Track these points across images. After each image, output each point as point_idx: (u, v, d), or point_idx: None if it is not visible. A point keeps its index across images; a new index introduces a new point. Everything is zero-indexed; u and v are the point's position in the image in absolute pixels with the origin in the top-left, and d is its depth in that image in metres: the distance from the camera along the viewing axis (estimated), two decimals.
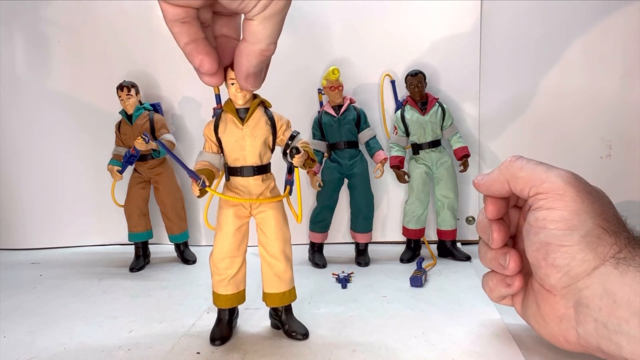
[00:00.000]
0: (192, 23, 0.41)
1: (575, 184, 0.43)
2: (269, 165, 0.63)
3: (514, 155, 0.49)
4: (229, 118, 0.60)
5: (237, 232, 0.62)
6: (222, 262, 0.62)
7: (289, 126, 0.63)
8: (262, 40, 0.42)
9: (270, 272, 0.63)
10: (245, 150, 0.60)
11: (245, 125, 0.60)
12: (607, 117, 1.01)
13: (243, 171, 0.61)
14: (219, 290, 0.63)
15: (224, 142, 0.61)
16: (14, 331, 0.68)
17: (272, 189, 0.63)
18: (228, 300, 0.63)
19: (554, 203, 0.42)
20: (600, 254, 0.40)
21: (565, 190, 0.42)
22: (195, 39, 0.42)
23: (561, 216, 0.41)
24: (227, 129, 0.60)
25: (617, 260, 0.39)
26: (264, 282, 0.64)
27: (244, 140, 0.60)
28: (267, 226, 0.62)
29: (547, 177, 0.43)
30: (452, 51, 1.02)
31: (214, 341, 0.61)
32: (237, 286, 0.63)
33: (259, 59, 0.43)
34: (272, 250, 0.62)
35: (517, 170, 0.46)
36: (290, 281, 0.64)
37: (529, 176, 0.45)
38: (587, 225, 0.41)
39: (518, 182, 0.46)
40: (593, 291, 0.40)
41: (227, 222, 0.62)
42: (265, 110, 0.62)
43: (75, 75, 1.10)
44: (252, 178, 0.61)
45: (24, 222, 1.15)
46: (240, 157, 0.61)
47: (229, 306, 0.63)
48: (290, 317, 0.64)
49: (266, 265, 0.63)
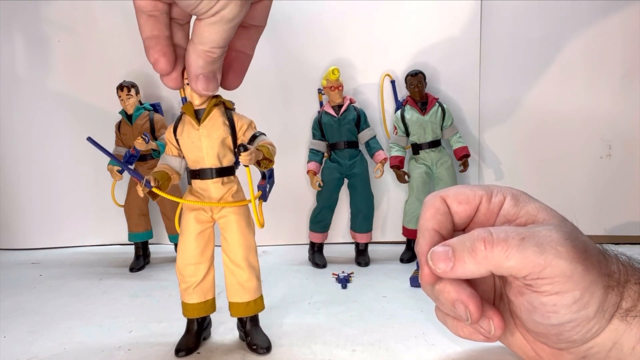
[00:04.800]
0: (159, 18, 0.39)
1: (577, 252, 0.37)
2: (231, 168, 0.61)
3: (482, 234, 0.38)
4: (186, 119, 0.59)
5: (199, 237, 0.60)
6: (186, 269, 0.60)
7: (252, 127, 0.61)
8: (206, 42, 0.40)
9: (233, 281, 0.60)
10: (203, 152, 0.59)
11: (201, 125, 0.58)
12: (607, 117, 1.01)
13: (202, 173, 0.59)
14: (185, 299, 0.60)
15: (182, 143, 0.60)
16: (14, 331, 0.68)
17: (234, 192, 0.60)
18: (195, 309, 0.60)
19: (562, 286, 0.37)
20: (610, 313, 0.39)
21: (573, 270, 0.36)
22: (157, 35, 0.40)
23: (573, 298, 0.37)
24: (185, 130, 0.59)
25: (625, 312, 0.38)
26: (227, 291, 0.61)
27: (200, 141, 0.58)
28: (229, 232, 0.60)
29: (546, 262, 0.36)
30: (452, 51, 1.02)
31: (178, 352, 0.58)
32: (205, 294, 0.61)
33: (205, 60, 0.41)
34: (234, 257, 0.59)
35: (502, 260, 0.37)
36: (256, 291, 0.60)
37: (522, 264, 0.37)
38: (598, 295, 0.37)
39: (506, 271, 0.38)
40: (602, 346, 0.39)
41: (188, 228, 0.60)
42: (225, 111, 0.60)
43: (75, 75, 1.10)
44: (211, 181, 0.59)
45: (24, 222, 1.15)
46: (199, 159, 0.59)
47: (196, 316, 0.60)
48: (254, 329, 0.60)
49: (229, 272, 0.60)
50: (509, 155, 1.06)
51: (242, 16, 0.40)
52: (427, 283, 0.41)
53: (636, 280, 0.38)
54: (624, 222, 1.03)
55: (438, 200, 0.43)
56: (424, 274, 0.40)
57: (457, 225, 0.44)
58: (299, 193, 1.08)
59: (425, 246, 0.41)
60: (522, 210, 0.42)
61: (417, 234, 0.43)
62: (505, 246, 0.37)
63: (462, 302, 0.39)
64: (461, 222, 0.44)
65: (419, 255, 0.42)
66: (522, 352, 0.45)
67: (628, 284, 0.38)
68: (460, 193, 0.43)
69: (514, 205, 0.42)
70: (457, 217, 0.44)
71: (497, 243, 0.38)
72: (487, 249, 0.38)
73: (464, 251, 0.39)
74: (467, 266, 0.38)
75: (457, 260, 0.39)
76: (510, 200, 0.42)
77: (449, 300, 0.40)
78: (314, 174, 0.95)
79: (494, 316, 0.40)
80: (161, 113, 1.02)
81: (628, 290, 0.38)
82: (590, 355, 0.40)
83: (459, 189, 0.43)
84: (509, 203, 0.42)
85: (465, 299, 0.39)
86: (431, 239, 0.41)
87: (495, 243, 0.38)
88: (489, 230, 0.38)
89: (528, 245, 0.37)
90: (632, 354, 0.37)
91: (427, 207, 0.43)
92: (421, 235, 0.42)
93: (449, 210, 0.43)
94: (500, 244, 0.38)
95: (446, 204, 0.43)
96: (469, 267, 0.38)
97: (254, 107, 0.84)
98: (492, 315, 0.40)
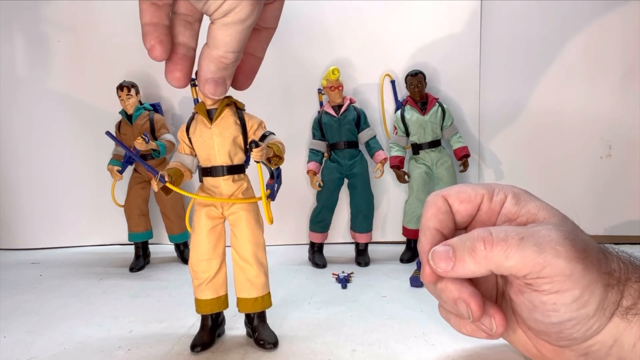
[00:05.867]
0: (160, 7, 0.39)
1: (576, 251, 0.37)
2: (241, 166, 0.63)
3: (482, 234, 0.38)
4: (199, 118, 0.61)
5: (211, 233, 0.61)
6: (199, 265, 0.61)
7: (262, 126, 0.63)
8: (219, 46, 0.40)
9: (242, 277, 0.61)
10: (214, 150, 0.61)
11: (213, 124, 0.60)
12: (607, 117, 1.01)
13: (213, 171, 0.61)
14: (198, 295, 0.62)
15: (194, 142, 0.62)
16: (14, 331, 0.68)
17: (244, 190, 0.62)
18: (207, 305, 0.61)
19: (562, 285, 0.37)
20: (610, 311, 0.39)
21: (572, 269, 0.37)
22: (156, 22, 0.40)
23: (573, 297, 0.37)
24: (197, 129, 0.61)
25: (626, 310, 0.39)
26: (236, 287, 0.62)
27: (212, 139, 0.60)
28: (238, 228, 0.61)
29: (545, 261, 0.37)
30: (452, 51, 1.02)
31: (193, 347, 0.59)
32: (217, 291, 0.62)
33: (217, 65, 0.41)
34: (243, 253, 0.61)
35: (502, 260, 0.38)
36: (264, 287, 0.62)
37: (522, 264, 0.37)
38: (598, 293, 0.38)
39: (506, 270, 0.38)
40: (603, 344, 0.39)
41: (200, 224, 0.61)
42: (236, 111, 0.62)
43: (75, 75, 1.10)
44: (222, 178, 0.61)
45: (24, 222, 1.15)
46: (211, 157, 0.61)
47: (209, 312, 0.62)
48: (262, 325, 0.62)
49: (238, 269, 0.61)
50: (509, 155, 1.06)
51: (256, 17, 0.40)
52: (429, 282, 0.41)
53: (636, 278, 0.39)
54: (624, 222, 1.03)
55: (440, 200, 0.43)
56: (426, 273, 0.41)
57: (459, 224, 0.44)
58: (299, 193, 1.08)
59: (427, 245, 0.41)
60: (523, 209, 0.42)
61: (419, 233, 0.43)
62: (504, 246, 0.38)
63: (464, 301, 0.40)
64: (463, 221, 0.44)
65: (420, 254, 0.42)
66: (525, 349, 0.45)
67: (628, 282, 0.38)
68: (461, 192, 0.43)
69: (515, 204, 0.42)
70: (459, 216, 0.44)
71: (496, 243, 0.38)
72: (487, 249, 0.38)
73: (464, 251, 0.39)
74: (467, 266, 0.39)
75: (458, 260, 0.39)
76: (512, 199, 0.42)
77: (450, 299, 0.40)
78: (314, 174, 0.95)
79: (496, 314, 0.41)
80: (161, 113, 1.02)
81: (628, 288, 0.38)
82: (592, 353, 0.40)
83: (460, 188, 0.44)
84: (510, 202, 0.42)
85: (467, 298, 0.40)
86: (433, 238, 0.42)
87: (495, 243, 0.38)
88: (488, 230, 0.39)
89: (527, 245, 0.37)
90: (632, 351, 0.37)
91: (428, 207, 0.43)
92: (423, 235, 0.42)
93: (450, 210, 0.43)
94: (500, 243, 0.38)
95: (448, 203, 0.43)
96: (470, 266, 0.39)
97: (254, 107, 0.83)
98: (494, 313, 0.41)
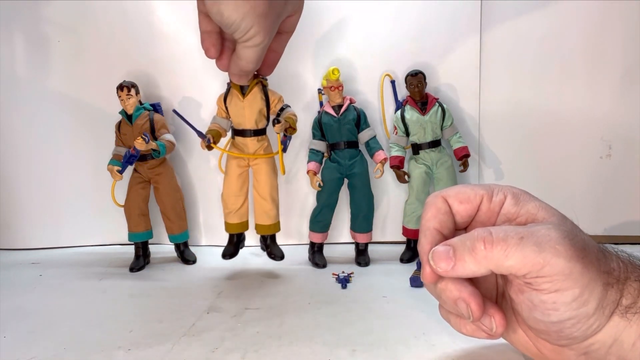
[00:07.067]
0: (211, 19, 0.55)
1: (575, 250, 0.37)
2: (264, 129, 0.84)
3: (482, 234, 0.39)
4: (234, 92, 0.81)
5: (239, 177, 0.84)
6: (230, 199, 0.84)
7: (281, 100, 0.85)
8: (242, 59, 0.60)
9: (260, 210, 0.85)
10: (245, 118, 0.82)
11: (245, 99, 0.81)
12: (607, 117, 1.01)
13: (243, 133, 0.83)
14: (228, 220, 0.85)
15: (230, 110, 0.82)
16: (14, 331, 0.67)
17: (265, 147, 0.85)
18: (235, 227, 0.85)
19: (562, 284, 0.37)
20: (610, 310, 0.39)
21: (571, 268, 0.37)
22: (210, 30, 0.59)
23: (573, 296, 0.37)
24: (232, 101, 0.82)
25: (625, 309, 0.39)
26: (256, 216, 0.86)
27: (243, 110, 0.81)
28: (259, 175, 0.84)
29: (545, 260, 0.37)
30: (452, 51, 1.02)
31: (224, 256, 0.85)
32: (241, 217, 0.85)
33: (240, 69, 0.63)
34: (262, 192, 0.84)
35: (502, 259, 0.38)
36: (275, 217, 0.86)
37: (521, 263, 0.38)
38: (597, 292, 0.38)
39: (506, 270, 0.39)
40: (602, 343, 0.39)
41: (231, 170, 0.84)
42: (262, 88, 0.82)
43: (75, 75, 1.10)
44: (249, 138, 0.83)
45: (24, 222, 1.15)
46: (242, 122, 0.82)
47: (236, 232, 0.86)
48: (273, 244, 0.87)
49: (257, 204, 0.85)
50: (509, 155, 1.06)
51: (268, 41, 0.59)
52: (429, 282, 0.42)
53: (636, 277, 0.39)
54: (624, 222, 1.03)
55: (439, 200, 0.43)
56: (426, 273, 0.41)
57: (459, 224, 0.45)
58: (299, 193, 1.08)
59: (427, 245, 0.42)
60: (522, 209, 0.42)
61: (419, 233, 0.43)
62: (504, 245, 0.38)
63: (464, 301, 0.40)
64: (462, 222, 0.45)
65: (420, 254, 0.42)
66: (525, 348, 0.45)
67: (628, 281, 0.39)
68: (461, 192, 0.44)
69: (515, 204, 0.43)
70: (459, 217, 0.44)
71: (496, 243, 0.38)
72: (487, 248, 0.38)
73: (464, 251, 0.39)
74: (467, 265, 0.39)
75: (458, 260, 0.39)
76: (511, 199, 0.43)
77: (450, 299, 0.41)
78: (314, 174, 0.95)
79: (496, 314, 0.41)
80: (161, 113, 1.02)
81: (628, 287, 0.38)
82: (592, 352, 0.40)
83: (460, 189, 0.44)
84: (509, 202, 0.43)
85: (467, 298, 0.40)
86: (433, 238, 0.42)
87: (494, 243, 0.38)
88: (488, 230, 0.39)
89: (527, 244, 0.37)
90: (632, 350, 0.38)
91: (428, 207, 0.44)
92: (423, 235, 0.43)
93: (450, 210, 0.43)
94: (499, 243, 0.38)
95: (447, 203, 0.43)
96: (470, 266, 0.39)
97: None
98: (494, 313, 0.41)
